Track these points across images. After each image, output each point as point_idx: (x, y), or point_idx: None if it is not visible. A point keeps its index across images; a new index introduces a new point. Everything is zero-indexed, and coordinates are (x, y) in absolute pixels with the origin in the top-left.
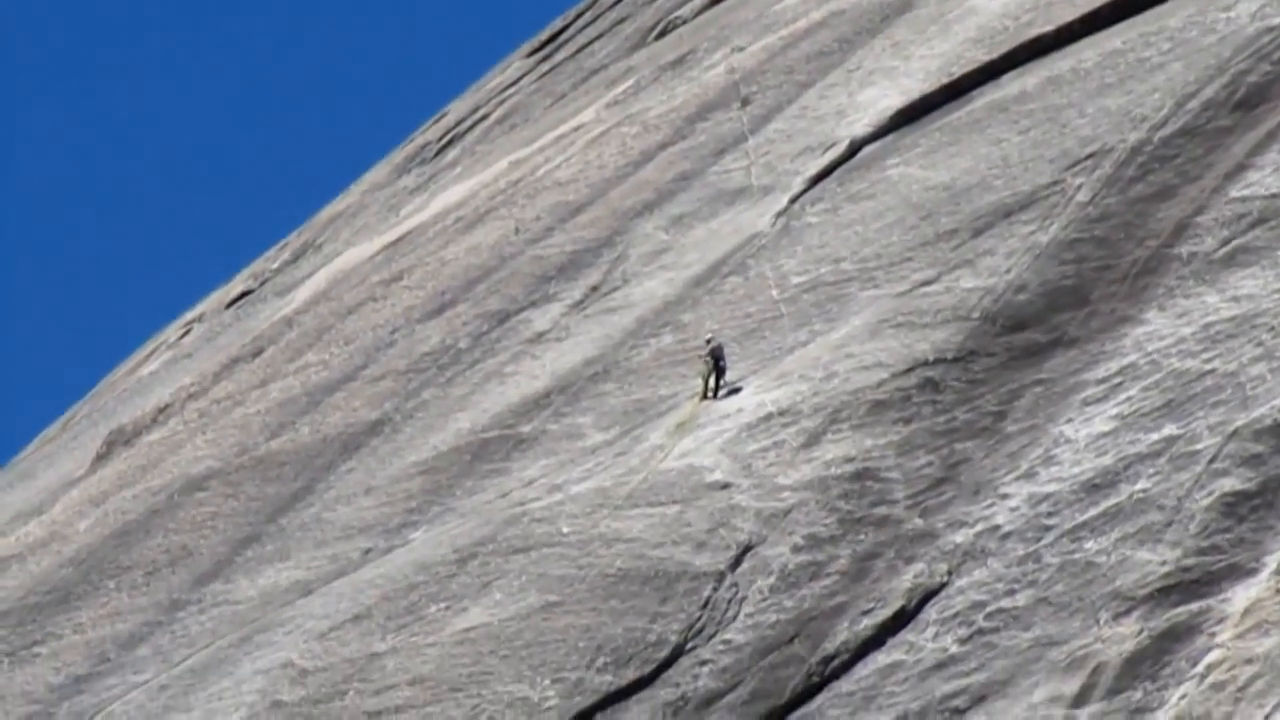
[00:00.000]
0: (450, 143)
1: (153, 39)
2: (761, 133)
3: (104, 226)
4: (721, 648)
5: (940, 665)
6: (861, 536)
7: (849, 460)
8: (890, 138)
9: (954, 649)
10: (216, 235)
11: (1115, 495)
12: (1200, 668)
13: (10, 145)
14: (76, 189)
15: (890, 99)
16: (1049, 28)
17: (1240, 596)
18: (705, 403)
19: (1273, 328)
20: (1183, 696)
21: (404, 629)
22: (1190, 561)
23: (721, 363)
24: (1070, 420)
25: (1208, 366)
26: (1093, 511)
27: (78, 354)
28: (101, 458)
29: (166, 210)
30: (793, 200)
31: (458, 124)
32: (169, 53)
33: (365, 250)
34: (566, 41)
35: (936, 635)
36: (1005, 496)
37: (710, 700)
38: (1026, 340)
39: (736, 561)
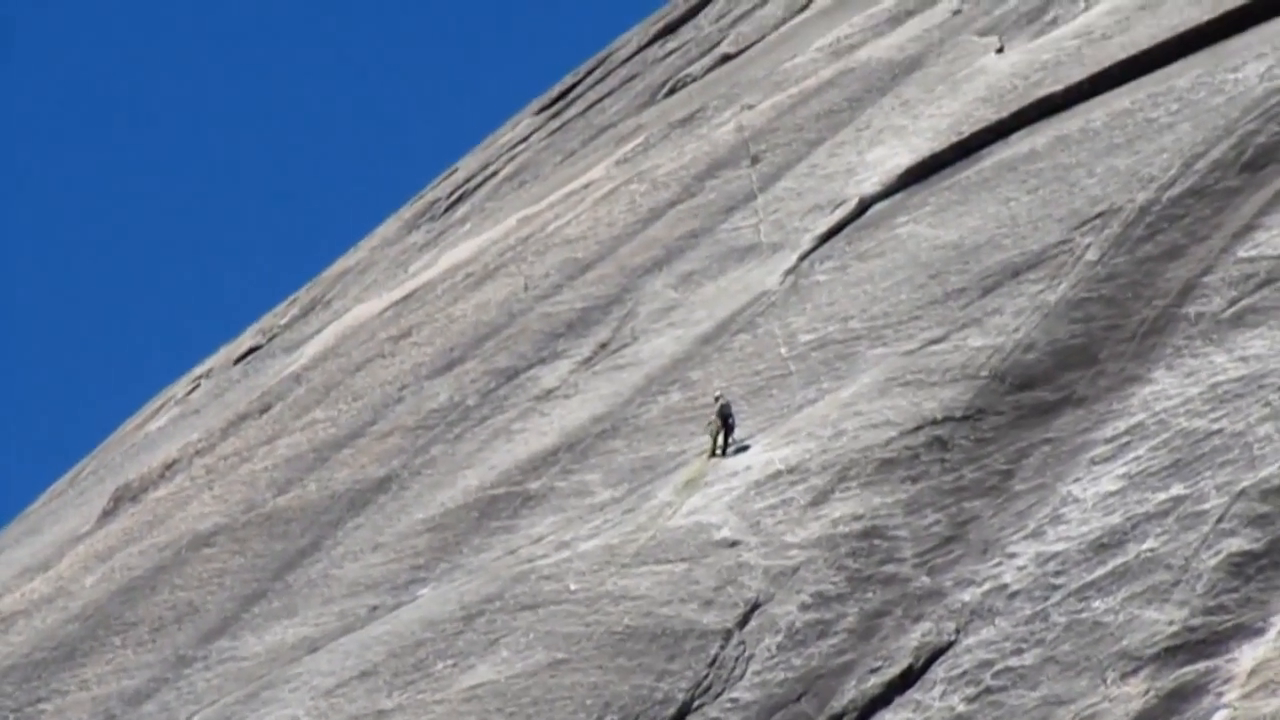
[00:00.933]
0: (460, 199)
1: (163, 94)
2: (771, 190)
3: (112, 281)
4: (729, 706)
5: None
6: (869, 595)
7: (857, 518)
8: (899, 196)
9: (961, 708)
10: (225, 290)
11: (1123, 555)
12: None
13: (16, 199)
14: (85, 243)
15: (899, 157)
16: (1058, 87)
17: (1248, 656)
18: (713, 460)
19: None
20: None
21: (411, 686)
22: (1197, 621)
23: (730, 420)
24: (1078, 479)
25: (1215, 426)
26: (1100, 571)
27: (85, 409)
28: (108, 513)
29: (174, 266)
30: (802, 258)
31: (467, 180)
32: (179, 108)
33: (374, 306)
34: (576, 99)
35: (944, 694)
36: (1013, 555)
37: None
38: (1035, 399)
39: (744, 619)
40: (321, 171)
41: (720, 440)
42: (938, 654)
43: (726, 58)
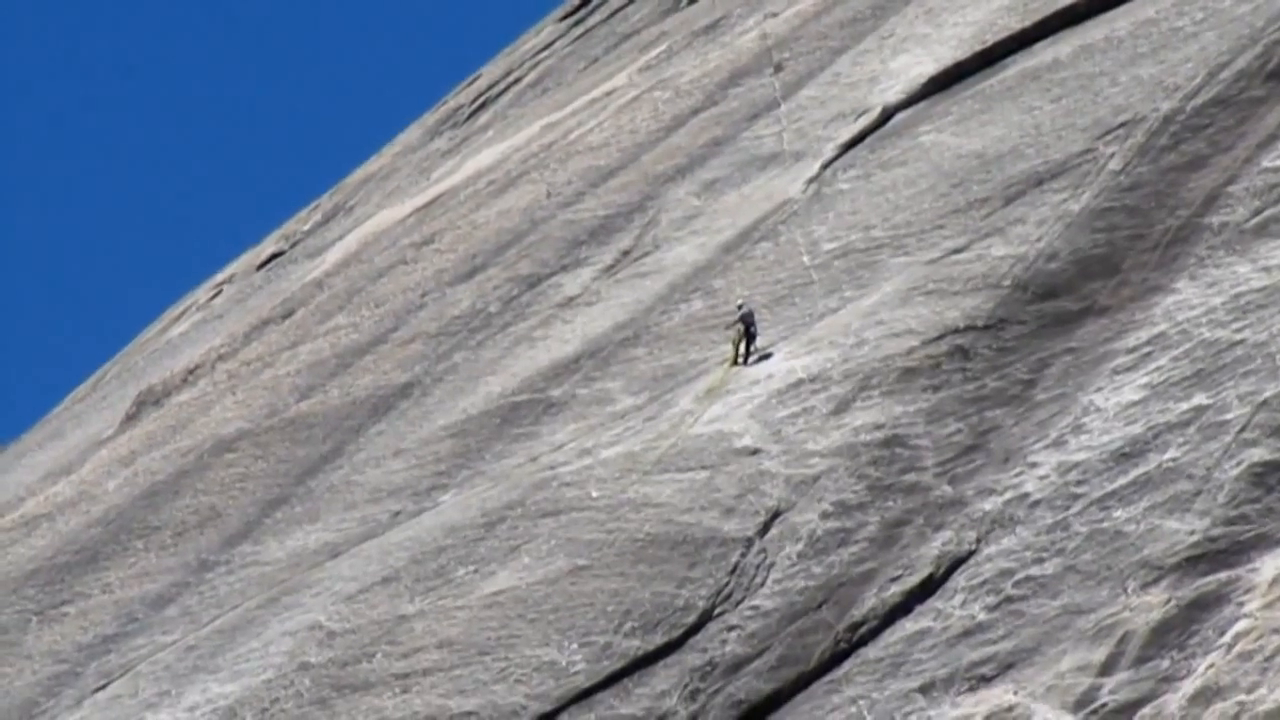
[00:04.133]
0: (483, 106)
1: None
2: (794, 99)
3: (137, 186)
4: (749, 613)
5: (968, 633)
6: (890, 503)
7: (878, 427)
8: (922, 105)
9: (982, 616)
10: (248, 197)
11: (1144, 464)
12: (1227, 637)
13: (40, 107)
14: (111, 149)
15: (923, 66)
16: None
17: (1268, 566)
18: (735, 368)
19: None
20: (1210, 666)
21: (432, 592)
22: (1218, 531)
23: (752, 328)
24: (1100, 389)
25: (1238, 336)
26: (1122, 480)
27: (108, 314)
28: (131, 418)
29: (199, 171)
30: (824, 166)
31: (490, 87)
32: (208, 14)
33: (396, 213)
34: (600, 6)
35: (964, 603)
36: (1034, 465)
37: (737, 665)
38: (1057, 308)
39: (765, 527)
40: (345, 77)
41: (742, 348)
42: (958, 563)
43: None
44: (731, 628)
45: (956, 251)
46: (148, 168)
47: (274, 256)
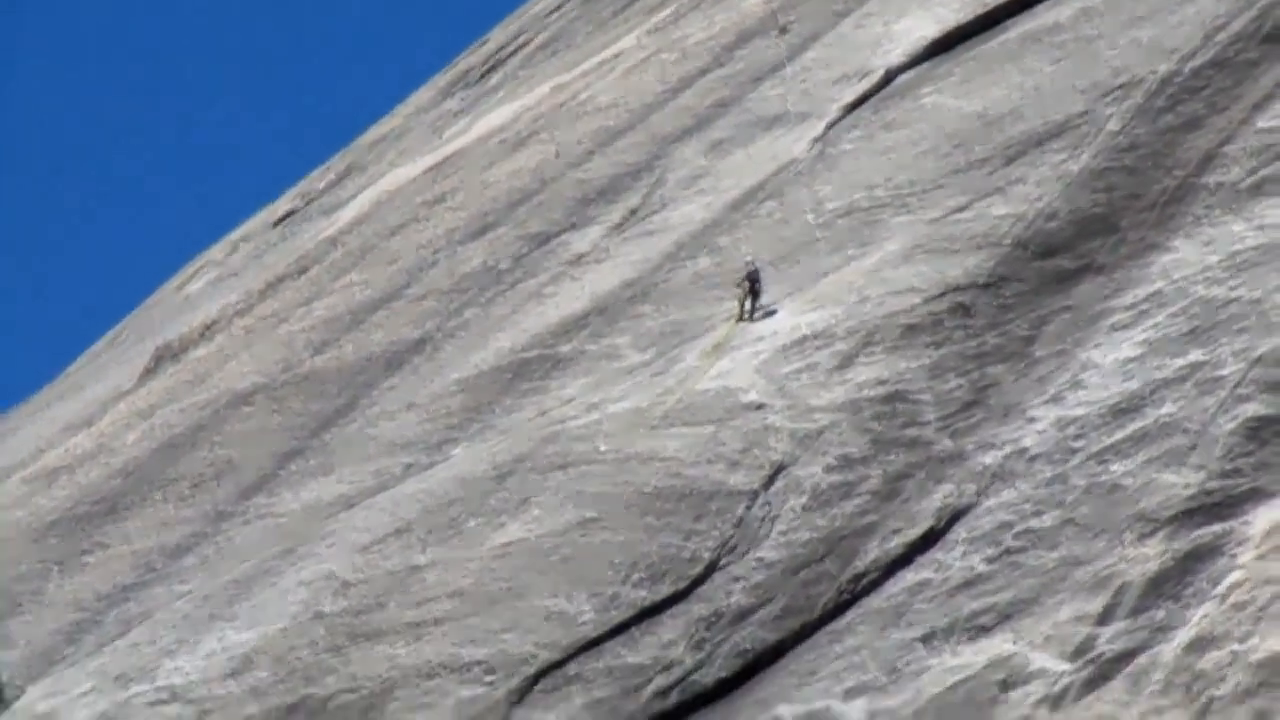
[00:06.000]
0: (494, 68)
1: None
2: (799, 60)
3: (154, 146)
4: (754, 565)
5: (968, 584)
6: (892, 457)
7: (881, 382)
8: (925, 67)
9: (981, 568)
10: (265, 155)
11: (1141, 419)
12: (1221, 588)
13: (56, 64)
14: (127, 110)
15: (925, 28)
16: None
17: (1262, 519)
18: (741, 325)
19: None
20: (1204, 616)
21: (444, 543)
22: (1213, 484)
23: (757, 286)
24: (1098, 345)
25: (1233, 294)
26: (1119, 435)
27: (126, 271)
28: (149, 372)
29: (215, 130)
30: (829, 127)
31: (501, 49)
32: None
33: (409, 172)
34: None
35: (964, 554)
36: (1033, 420)
37: (743, 615)
38: (1056, 267)
39: (769, 481)
40: (359, 38)
41: (747, 305)
42: (959, 515)
43: None
44: (737, 579)
45: (958, 210)
46: (164, 128)
47: (289, 214)
